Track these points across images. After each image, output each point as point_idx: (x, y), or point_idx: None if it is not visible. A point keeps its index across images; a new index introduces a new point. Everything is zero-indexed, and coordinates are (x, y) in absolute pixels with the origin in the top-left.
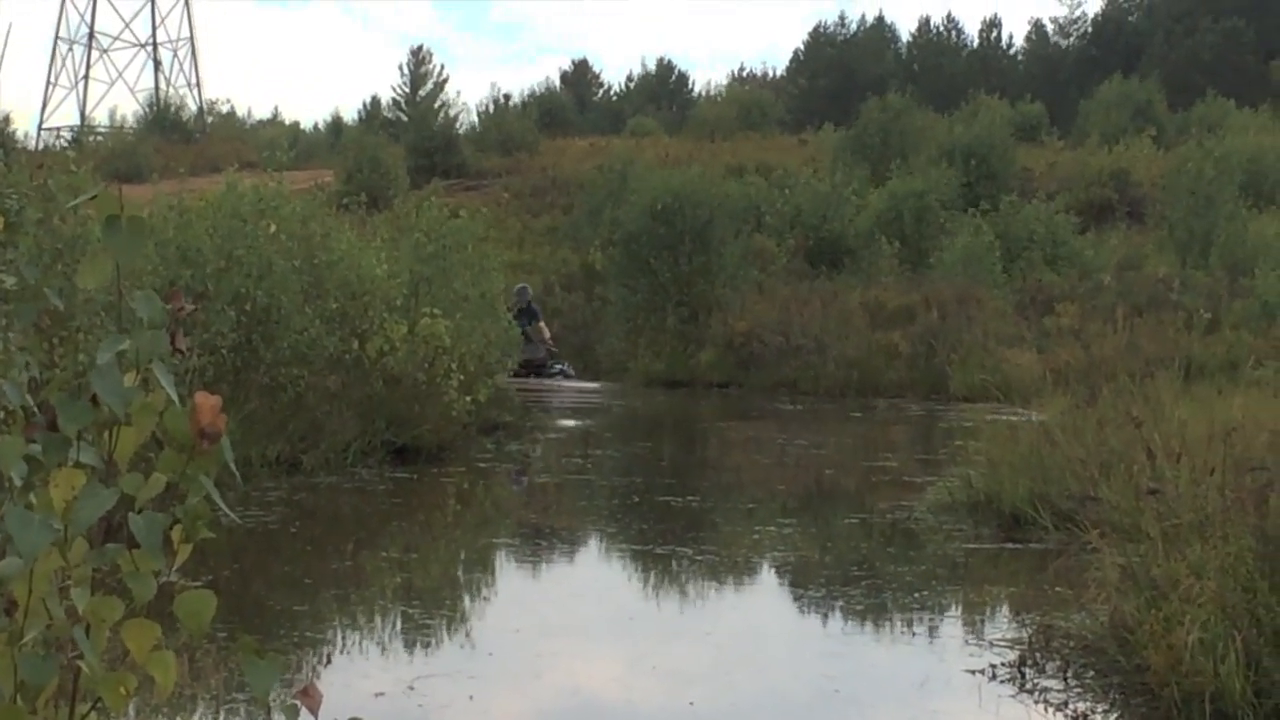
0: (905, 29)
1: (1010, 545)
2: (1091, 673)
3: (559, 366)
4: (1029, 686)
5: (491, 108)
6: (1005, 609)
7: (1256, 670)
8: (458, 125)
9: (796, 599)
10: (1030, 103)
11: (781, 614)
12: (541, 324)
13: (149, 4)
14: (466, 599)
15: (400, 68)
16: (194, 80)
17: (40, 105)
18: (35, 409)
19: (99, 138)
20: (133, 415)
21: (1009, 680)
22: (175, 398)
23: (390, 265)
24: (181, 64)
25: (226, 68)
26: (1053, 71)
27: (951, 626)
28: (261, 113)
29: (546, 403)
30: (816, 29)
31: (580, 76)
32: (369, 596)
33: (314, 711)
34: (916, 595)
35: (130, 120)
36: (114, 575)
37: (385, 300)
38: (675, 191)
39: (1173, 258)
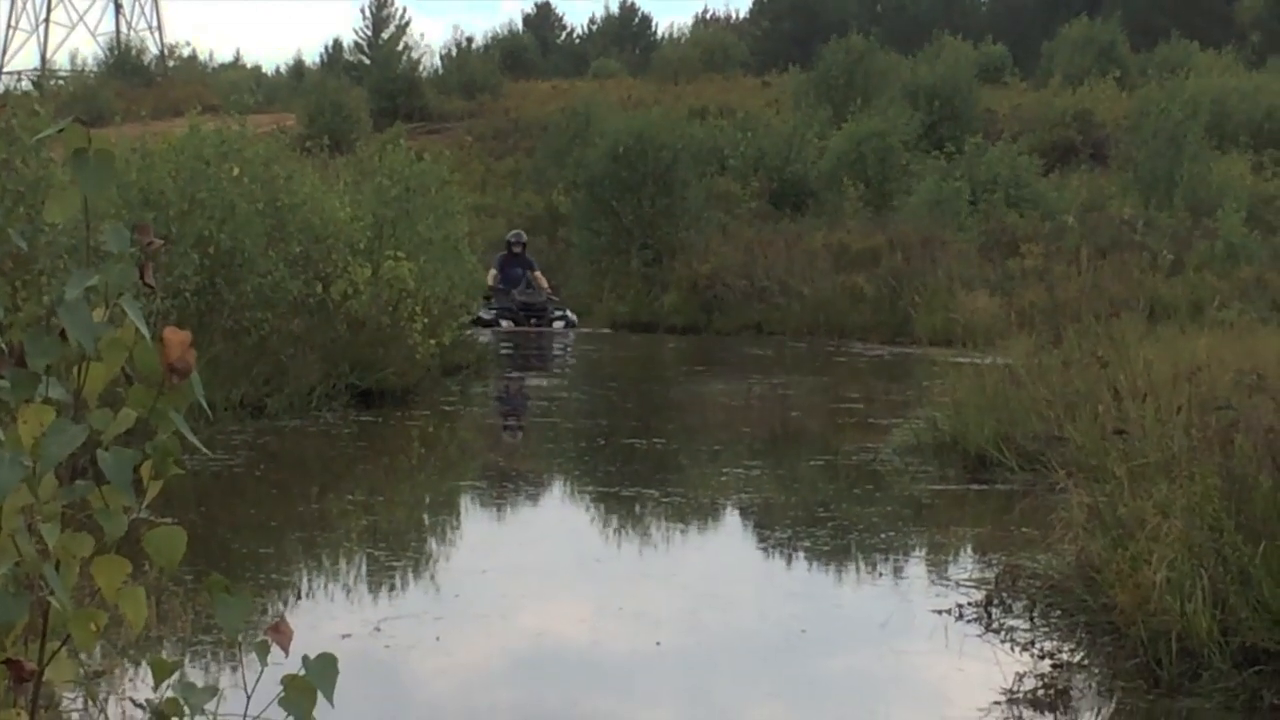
0: None
1: (976, 486)
2: (1058, 612)
3: (560, 312)
4: (995, 626)
5: (454, 51)
6: (971, 549)
7: (1223, 608)
8: (420, 68)
9: (763, 540)
10: (994, 44)
11: (748, 555)
12: (538, 273)
13: None
14: (432, 541)
15: (362, 11)
16: (155, 23)
17: (0, 49)
18: (3, 347)
19: (60, 82)
20: (102, 350)
21: (975, 620)
22: (145, 332)
23: (354, 208)
24: (142, 7)
25: (187, 11)
26: (1016, 12)
27: (917, 567)
28: (223, 56)
29: (524, 349)
30: None
31: (543, 19)
32: (335, 539)
33: (285, 648)
34: (882, 536)
35: (91, 64)
36: (84, 512)
37: (349, 243)
38: (638, 134)
39: (1137, 199)
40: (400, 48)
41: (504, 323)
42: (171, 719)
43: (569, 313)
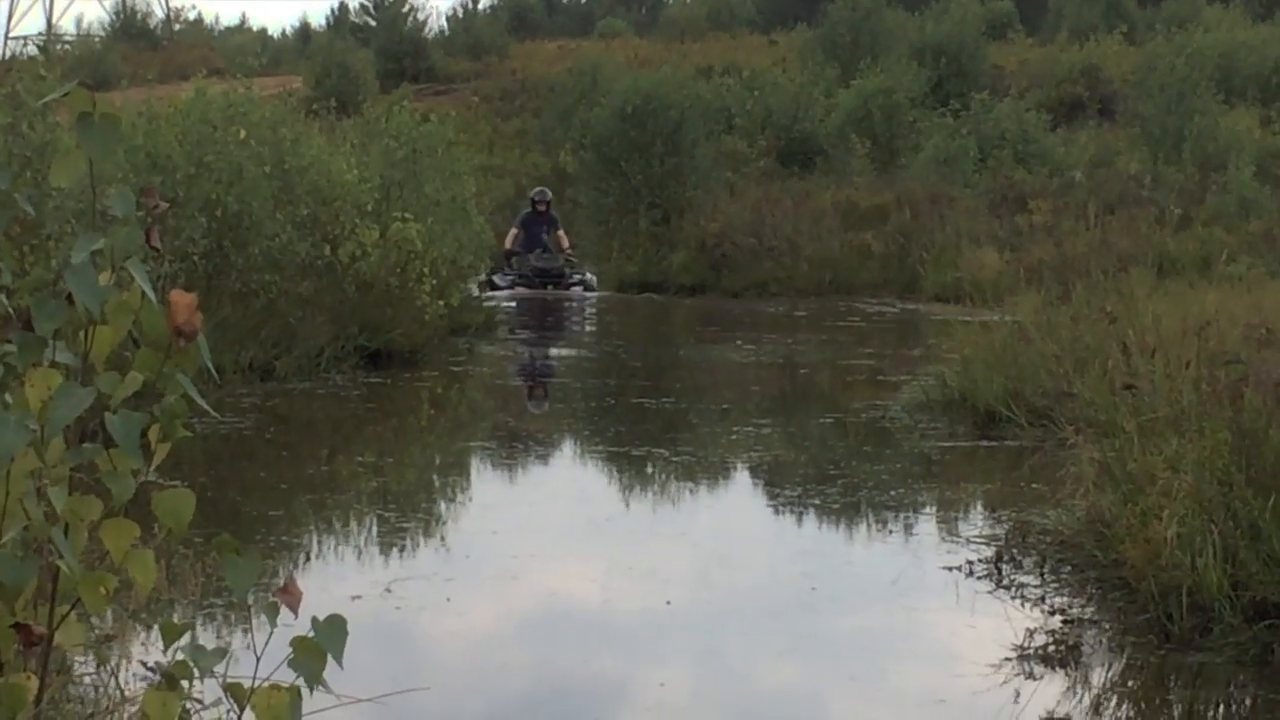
0: None
1: (985, 443)
2: (1068, 568)
3: (577, 276)
4: (1006, 583)
5: (460, 12)
6: (981, 506)
7: (1233, 563)
8: (426, 30)
9: (773, 499)
10: (1000, 0)
11: (758, 514)
12: (561, 232)
13: None
14: (442, 503)
15: None
16: None
17: (6, 14)
18: (10, 311)
19: (66, 46)
20: (108, 314)
21: (986, 577)
22: (152, 295)
23: (361, 170)
24: None
25: None
26: None
27: (928, 524)
28: (229, 19)
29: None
30: None
31: None
32: (345, 501)
33: (294, 609)
34: (892, 494)
35: (97, 28)
36: (92, 475)
37: (356, 205)
38: (645, 93)
39: (1144, 154)
40: (406, 9)
41: (518, 289)
42: (181, 681)
43: (588, 275)
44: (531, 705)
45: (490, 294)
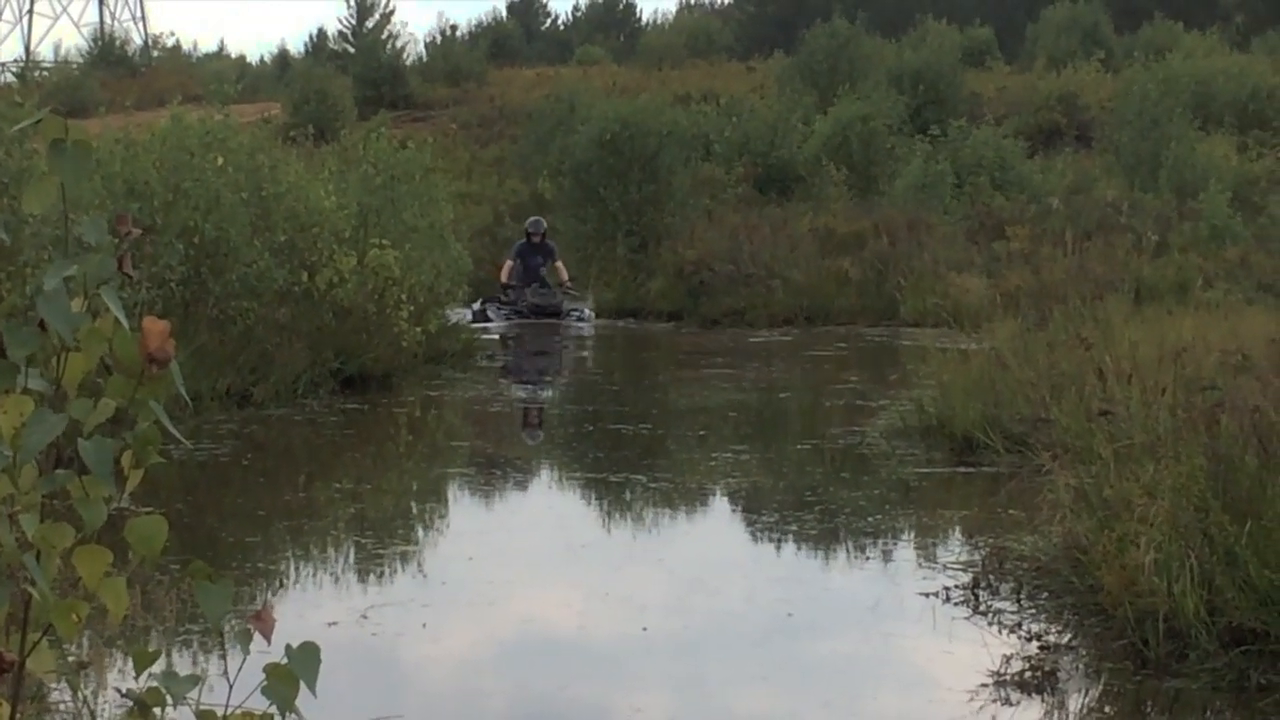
0: None
1: (962, 469)
2: (1045, 594)
3: (575, 311)
4: (983, 609)
5: (439, 38)
6: (958, 532)
7: (1210, 589)
8: (405, 56)
9: (750, 525)
10: (979, 27)
11: (735, 540)
12: (559, 263)
13: None
14: (419, 529)
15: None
16: (139, 14)
17: None
18: None
19: (44, 73)
20: (81, 340)
21: (963, 603)
22: (124, 321)
23: (338, 197)
24: None
25: (171, 2)
26: None
27: (905, 550)
28: (208, 46)
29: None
30: None
31: (527, 6)
32: (322, 527)
33: (267, 635)
34: (869, 520)
35: (75, 55)
36: (65, 502)
37: (334, 232)
38: (624, 120)
39: (1121, 181)
40: (385, 36)
41: (512, 323)
42: (154, 708)
43: (586, 311)
44: None
45: (483, 325)
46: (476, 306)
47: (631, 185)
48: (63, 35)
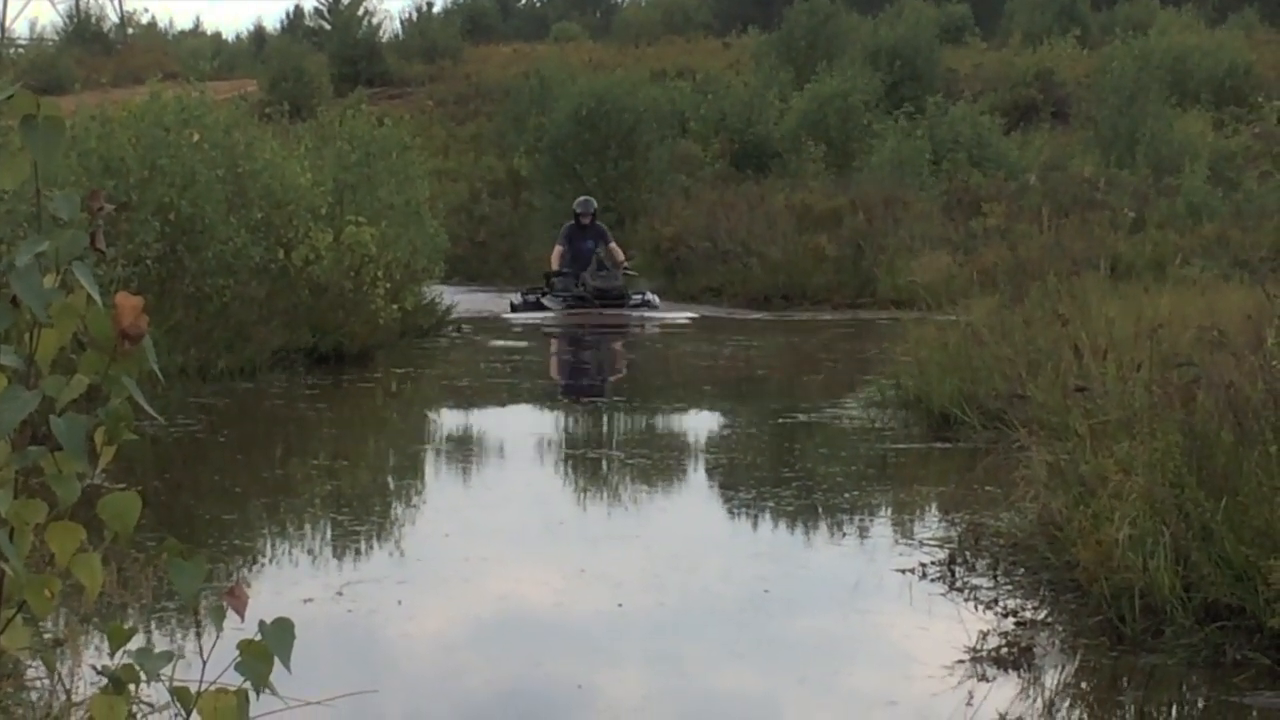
0: None
1: (939, 445)
2: (1021, 570)
3: (638, 296)
4: (959, 585)
5: (415, 15)
6: (935, 508)
7: (1185, 565)
8: (381, 33)
9: (727, 501)
10: (956, 3)
11: (712, 516)
12: (613, 245)
13: None
14: (395, 505)
15: None
16: None
17: None
18: None
19: (19, 50)
20: (54, 316)
21: (939, 579)
22: (97, 297)
23: (314, 174)
24: None
25: None
26: None
27: (881, 526)
28: (184, 23)
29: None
30: None
31: None
32: (298, 504)
33: (240, 612)
34: (846, 495)
35: (51, 32)
36: (38, 478)
37: (310, 209)
38: (600, 97)
39: (1098, 157)
40: (361, 13)
41: (571, 313)
42: (128, 685)
43: (649, 295)
44: (483, 708)
45: (531, 316)
46: (517, 299)
47: (608, 162)
48: (38, 12)
